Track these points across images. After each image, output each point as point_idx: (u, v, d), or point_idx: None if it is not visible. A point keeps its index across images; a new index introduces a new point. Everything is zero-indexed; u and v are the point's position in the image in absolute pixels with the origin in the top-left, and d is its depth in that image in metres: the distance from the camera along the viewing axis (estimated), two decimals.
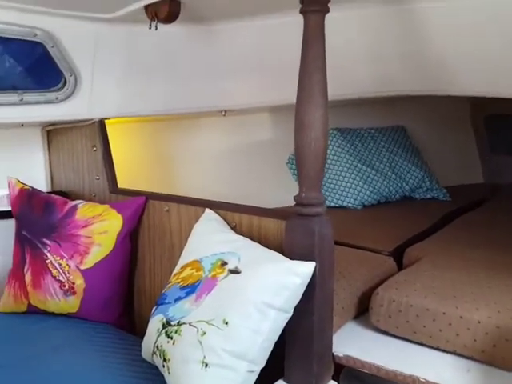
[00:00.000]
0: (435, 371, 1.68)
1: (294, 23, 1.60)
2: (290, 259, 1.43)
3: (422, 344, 1.81)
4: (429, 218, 2.94)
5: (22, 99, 2.04)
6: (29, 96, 2.05)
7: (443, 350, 1.77)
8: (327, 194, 3.27)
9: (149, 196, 2.05)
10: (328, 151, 1.46)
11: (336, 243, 1.54)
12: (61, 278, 1.96)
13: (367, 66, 2.17)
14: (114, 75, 2.17)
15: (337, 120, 3.28)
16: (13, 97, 2.02)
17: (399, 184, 3.38)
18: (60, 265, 1.96)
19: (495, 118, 3.87)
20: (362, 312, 2.00)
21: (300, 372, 1.48)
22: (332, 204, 3.23)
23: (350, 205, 3.23)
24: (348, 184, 3.25)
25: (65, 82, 2.09)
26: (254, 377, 1.40)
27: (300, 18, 1.40)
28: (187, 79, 2.39)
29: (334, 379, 1.57)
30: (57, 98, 2.10)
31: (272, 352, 1.41)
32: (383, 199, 3.33)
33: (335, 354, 1.74)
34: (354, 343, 1.82)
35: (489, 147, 3.99)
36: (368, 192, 3.23)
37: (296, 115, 1.40)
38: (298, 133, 1.40)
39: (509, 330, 1.65)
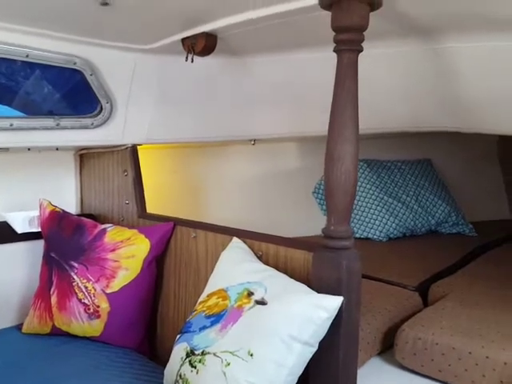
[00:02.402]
0: None
1: (324, 59, 1.63)
2: (317, 292, 1.43)
3: (447, 383, 1.77)
4: (454, 253, 2.92)
5: (58, 124, 2.10)
6: (65, 121, 2.11)
7: None
8: (352, 225, 3.27)
9: (177, 222, 2.07)
10: None
11: (361, 276, 1.53)
12: (86, 301, 1.97)
13: (398, 103, 2.19)
14: (148, 103, 2.23)
15: (364, 152, 3.29)
16: (49, 122, 2.08)
17: (425, 218, 3.36)
18: (86, 288, 1.98)
19: None
20: (387, 347, 1.98)
21: None
22: (357, 235, 3.23)
23: (375, 237, 3.21)
24: (374, 216, 3.24)
25: (101, 109, 2.15)
26: None
27: (330, 54, 1.43)
28: (218, 108, 2.44)
29: None
30: (92, 124, 2.16)
31: None
32: (409, 232, 3.31)
33: None
34: (378, 379, 1.79)
35: None
36: (394, 225, 3.22)
37: (327, 149, 1.41)
38: (328, 166, 1.40)
39: None
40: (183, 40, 1.87)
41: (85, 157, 2.54)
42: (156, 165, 2.72)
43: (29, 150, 2.29)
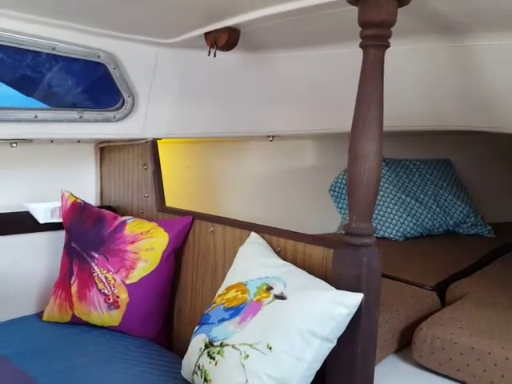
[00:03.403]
0: None
1: (346, 56, 1.62)
2: (336, 288, 1.42)
3: (464, 383, 1.77)
4: (472, 254, 2.90)
5: (81, 117, 2.11)
6: (88, 114, 2.13)
7: None
8: None
9: (195, 216, 2.08)
10: None
11: None
12: (106, 292, 2.00)
13: (421, 100, 2.17)
14: (168, 97, 2.24)
15: (382, 150, 3.28)
16: (73, 114, 2.10)
17: (443, 218, 3.34)
18: (106, 278, 2.01)
19: None
20: (404, 346, 1.97)
21: None
22: None
23: (391, 236, 3.19)
24: (391, 215, 3.22)
25: (123, 103, 2.16)
26: None
27: (353, 50, 1.42)
28: (238, 103, 2.44)
29: None
30: (114, 117, 2.18)
31: (313, 381, 1.41)
32: (426, 232, 3.28)
33: None
34: (394, 377, 1.79)
35: None
36: (411, 224, 3.20)
37: (350, 146, 1.40)
38: (351, 163, 1.40)
39: None
40: (206, 34, 1.87)
41: (105, 150, 2.56)
42: (173, 159, 2.73)
43: (51, 141, 2.32)
